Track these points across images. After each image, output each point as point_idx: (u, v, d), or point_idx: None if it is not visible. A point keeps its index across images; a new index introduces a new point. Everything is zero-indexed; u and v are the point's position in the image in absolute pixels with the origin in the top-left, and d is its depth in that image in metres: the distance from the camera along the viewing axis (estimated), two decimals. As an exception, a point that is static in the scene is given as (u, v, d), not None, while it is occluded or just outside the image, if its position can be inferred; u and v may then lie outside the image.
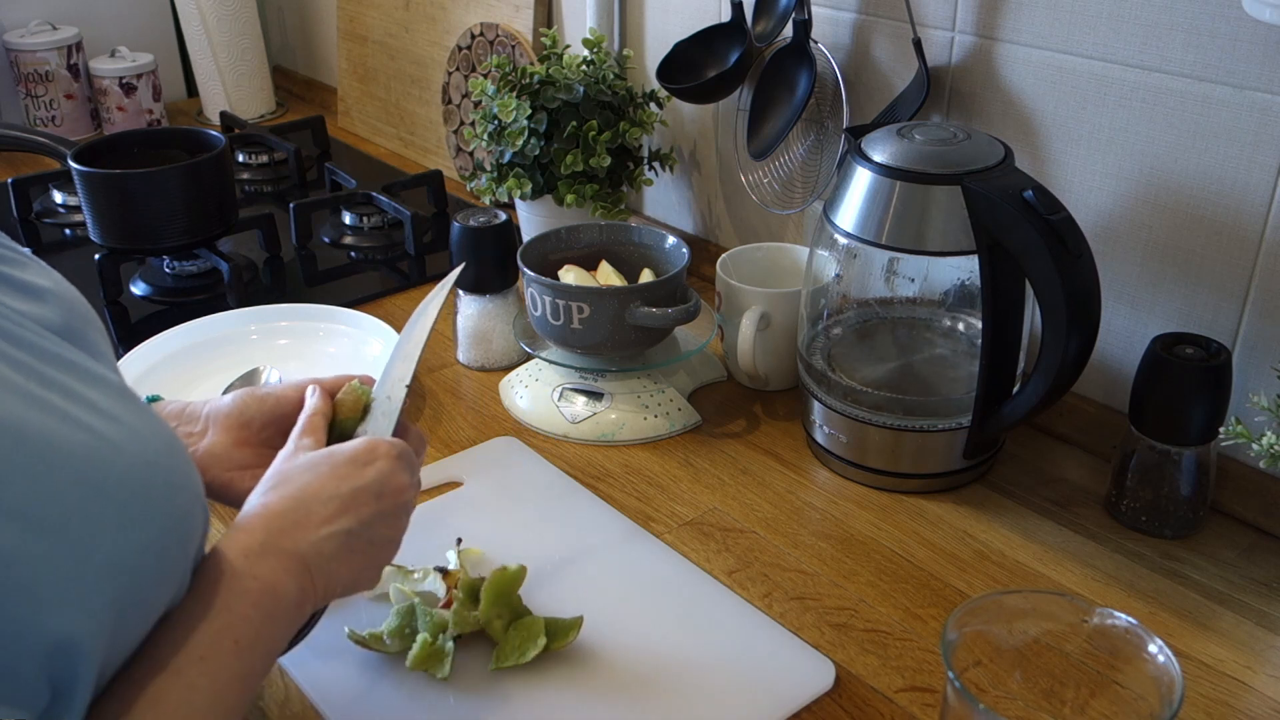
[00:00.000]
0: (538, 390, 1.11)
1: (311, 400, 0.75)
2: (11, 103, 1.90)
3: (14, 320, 0.51)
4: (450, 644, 0.79)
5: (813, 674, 0.80)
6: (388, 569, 0.81)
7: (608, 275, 1.12)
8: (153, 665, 0.53)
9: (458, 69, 1.61)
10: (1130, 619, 0.68)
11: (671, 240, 1.14)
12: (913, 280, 1.06)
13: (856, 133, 0.98)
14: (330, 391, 0.77)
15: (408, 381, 0.76)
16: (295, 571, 0.61)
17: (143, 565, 0.49)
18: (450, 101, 1.65)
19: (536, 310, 1.08)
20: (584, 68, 1.30)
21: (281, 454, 0.70)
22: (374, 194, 1.51)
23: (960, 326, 1.06)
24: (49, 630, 0.45)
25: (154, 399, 0.78)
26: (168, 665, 0.53)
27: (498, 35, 1.53)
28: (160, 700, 0.52)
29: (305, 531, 0.63)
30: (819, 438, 1.03)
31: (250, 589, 0.58)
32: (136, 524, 0.49)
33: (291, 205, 1.47)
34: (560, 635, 0.80)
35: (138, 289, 1.38)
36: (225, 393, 1.08)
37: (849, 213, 0.94)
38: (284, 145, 1.71)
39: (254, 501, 0.65)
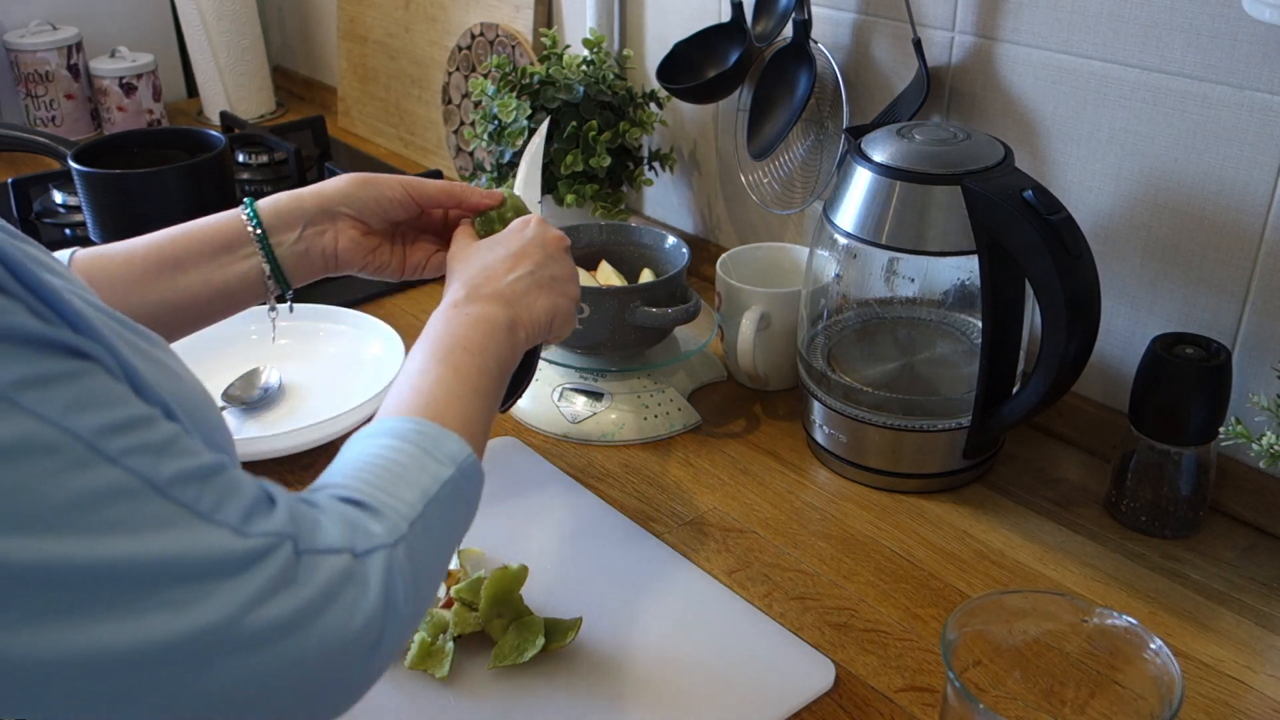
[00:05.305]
0: (538, 390, 1.11)
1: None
2: (11, 103, 1.90)
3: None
4: (450, 644, 0.79)
5: (813, 674, 0.80)
6: None
7: (608, 275, 1.12)
8: (402, 372, 0.67)
9: (458, 69, 1.61)
10: (1130, 619, 0.68)
11: (671, 240, 1.14)
12: (913, 280, 1.06)
13: (856, 133, 0.98)
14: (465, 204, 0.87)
15: (538, 199, 1.03)
16: (501, 304, 0.73)
17: None
18: (450, 101, 1.65)
19: (536, 310, 1.08)
20: (584, 68, 1.30)
21: (455, 250, 0.81)
22: (374, 194, 1.51)
23: (960, 327, 1.06)
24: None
25: (251, 202, 0.83)
26: (415, 369, 0.66)
27: (498, 35, 1.53)
28: (420, 389, 0.64)
29: (495, 281, 0.75)
30: (819, 438, 1.03)
31: (466, 317, 0.71)
32: None
33: (291, 205, 1.47)
34: (559, 636, 0.80)
35: (138, 289, 1.38)
36: (225, 390, 1.09)
37: (849, 213, 0.94)
38: (284, 145, 1.71)
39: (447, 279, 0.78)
